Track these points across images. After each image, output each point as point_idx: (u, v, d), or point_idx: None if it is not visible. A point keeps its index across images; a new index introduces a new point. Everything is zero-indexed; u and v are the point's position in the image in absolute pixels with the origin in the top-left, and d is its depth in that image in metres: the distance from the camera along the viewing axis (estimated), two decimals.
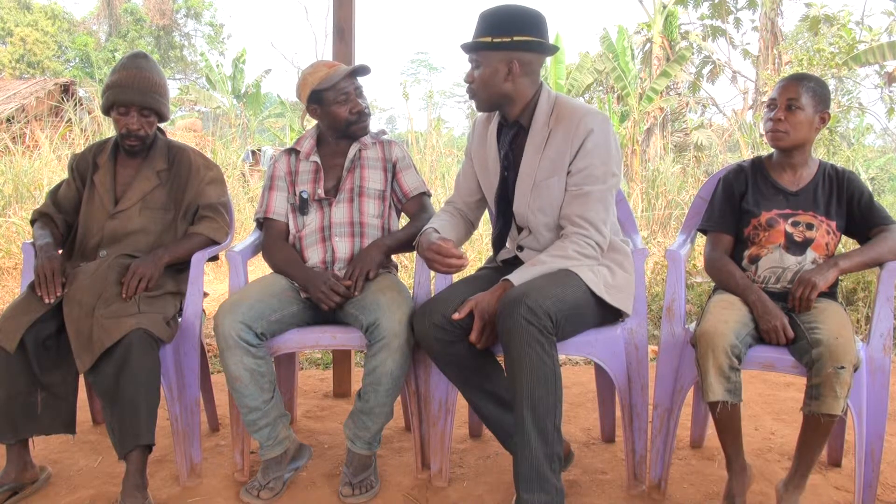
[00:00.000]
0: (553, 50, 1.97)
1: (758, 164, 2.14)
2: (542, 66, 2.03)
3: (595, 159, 1.90)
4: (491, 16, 1.92)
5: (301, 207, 2.24)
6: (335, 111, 2.20)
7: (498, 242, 2.12)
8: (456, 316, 1.83)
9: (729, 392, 1.76)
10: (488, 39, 1.91)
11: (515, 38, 1.89)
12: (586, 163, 1.90)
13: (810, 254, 2.00)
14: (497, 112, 2.06)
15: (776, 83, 2.05)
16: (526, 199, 1.97)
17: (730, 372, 1.76)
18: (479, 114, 2.13)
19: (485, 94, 1.96)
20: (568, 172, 1.92)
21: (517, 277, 1.85)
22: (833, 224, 2.03)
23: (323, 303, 2.05)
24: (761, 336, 1.89)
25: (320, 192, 2.23)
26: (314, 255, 2.20)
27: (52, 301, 1.97)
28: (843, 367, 1.68)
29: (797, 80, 2.01)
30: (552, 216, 1.96)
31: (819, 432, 1.79)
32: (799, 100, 1.98)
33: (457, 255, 1.86)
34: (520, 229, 2.04)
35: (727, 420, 1.83)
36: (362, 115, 2.22)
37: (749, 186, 2.10)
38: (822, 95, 2.01)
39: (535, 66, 1.96)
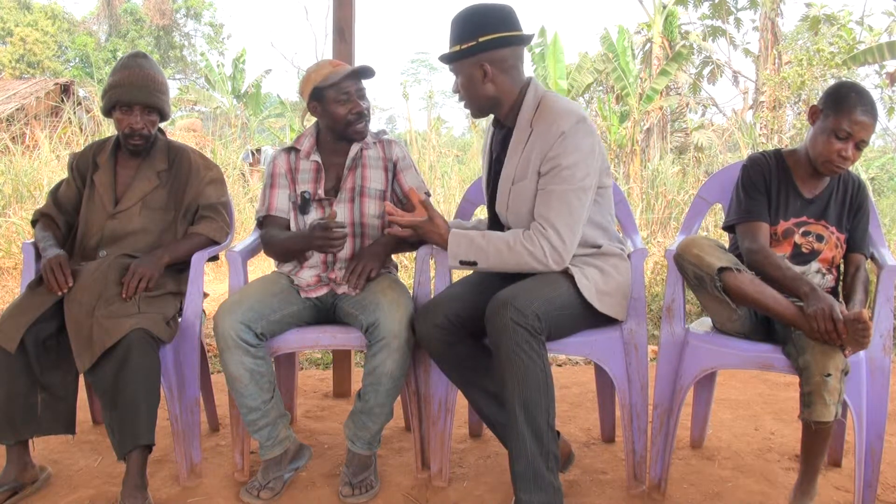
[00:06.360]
0: (526, 40, 1.93)
1: (780, 161, 2.04)
2: (522, 59, 1.96)
3: (562, 160, 1.83)
4: (456, 22, 1.92)
5: (303, 207, 2.24)
6: (335, 110, 2.18)
7: None
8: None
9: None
10: (457, 48, 1.90)
11: (481, 40, 1.87)
12: (553, 164, 1.85)
13: (814, 264, 2.00)
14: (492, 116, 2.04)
15: (853, 112, 1.88)
16: (505, 199, 1.96)
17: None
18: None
19: (471, 101, 1.97)
20: (538, 174, 1.88)
21: (458, 246, 1.89)
22: (842, 237, 2.02)
23: (327, 248, 2.03)
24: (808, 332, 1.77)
25: (321, 191, 2.23)
26: (314, 255, 2.20)
27: (64, 292, 1.97)
28: (829, 375, 1.68)
29: (875, 118, 1.91)
30: (526, 219, 1.91)
31: (818, 438, 1.79)
32: (869, 140, 1.93)
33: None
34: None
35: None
36: (361, 117, 2.20)
37: (771, 187, 2.02)
38: None
39: (512, 60, 1.92)
